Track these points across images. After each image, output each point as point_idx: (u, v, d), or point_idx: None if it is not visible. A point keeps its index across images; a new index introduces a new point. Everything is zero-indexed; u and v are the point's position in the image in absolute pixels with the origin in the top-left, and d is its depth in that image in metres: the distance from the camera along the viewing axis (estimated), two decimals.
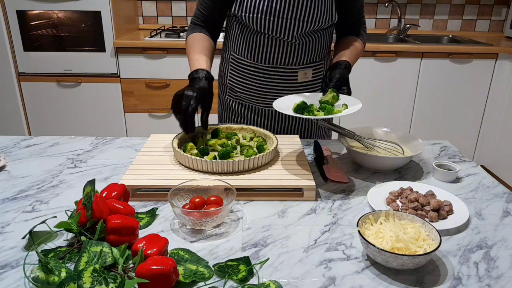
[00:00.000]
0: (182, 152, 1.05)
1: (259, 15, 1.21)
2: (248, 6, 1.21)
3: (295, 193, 0.99)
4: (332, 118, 1.52)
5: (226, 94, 1.43)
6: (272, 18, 1.21)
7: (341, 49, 1.32)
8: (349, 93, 1.16)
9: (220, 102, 1.49)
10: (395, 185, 1.03)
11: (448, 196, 0.98)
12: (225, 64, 1.41)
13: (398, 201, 0.97)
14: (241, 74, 1.35)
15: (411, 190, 0.99)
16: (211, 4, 1.31)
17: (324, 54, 1.36)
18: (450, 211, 0.92)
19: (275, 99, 1.35)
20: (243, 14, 1.22)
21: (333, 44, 1.41)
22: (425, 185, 1.02)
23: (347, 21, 1.34)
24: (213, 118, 1.53)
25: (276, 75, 1.31)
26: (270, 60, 1.29)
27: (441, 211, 0.91)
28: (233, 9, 1.24)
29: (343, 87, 1.16)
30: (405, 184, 1.03)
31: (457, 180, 1.11)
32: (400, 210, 0.94)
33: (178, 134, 1.17)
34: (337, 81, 1.16)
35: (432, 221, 0.89)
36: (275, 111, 1.38)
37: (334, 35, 1.40)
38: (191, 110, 1.06)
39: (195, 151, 1.11)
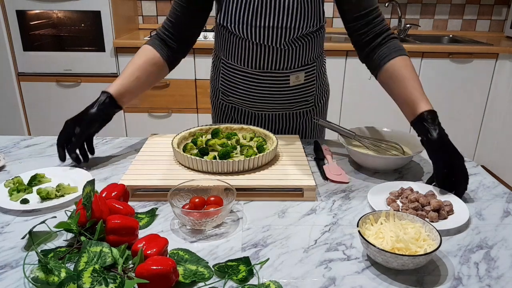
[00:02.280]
0: (182, 152, 1.05)
1: (245, 25, 1.19)
2: (233, 17, 1.19)
3: (295, 193, 0.99)
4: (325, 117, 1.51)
5: (218, 98, 1.42)
6: (258, 29, 1.19)
7: (403, 86, 1.08)
8: (466, 177, 0.98)
9: (213, 105, 1.48)
10: (395, 185, 1.03)
11: (448, 196, 0.98)
12: (216, 68, 1.39)
13: (398, 201, 0.97)
14: (232, 79, 1.33)
15: (412, 190, 0.99)
16: (181, 13, 1.21)
17: (316, 56, 1.33)
18: (451, 211, 0.92)
19: (268, 103, 1.34)
20: (229, 24, 1.20)
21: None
22: (425, 185, 1.02)
23: (363, 29, 1.17)
24: (208, 121, 1.53)
25: (267, 80, 1.29)
26: (260, 66, 1.27)
27: (442, 211, 0.91)
28: (218, 19, 1.22)
29: (454, 164, 0.98)
30: (405, 184, 1.03)
31: None
32: (400, 210, 0.93)
33: (178, 134, 1.17)
34: (444, 170, 0.98)
35: (432, 221, 0.89)
36: (269, 114, 1.37)
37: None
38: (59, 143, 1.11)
39: (195, 151, 1.11)
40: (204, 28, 3.12)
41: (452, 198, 0.97)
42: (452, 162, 0.98)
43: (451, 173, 0.98)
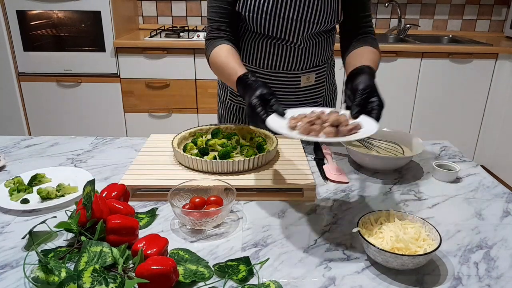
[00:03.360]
0: (182, 152, 1.05)
1: (264, 15, 1.18)
2: (253, 6, 1.18)
3: (295, 193, 0.99)
4: None
5: (226, 98, 1.42)
6: (277, 19, 1.18)
7: (357, 58, 1.14)
8: (381, 105, 0.90)
9: (220, 103, 1.48)
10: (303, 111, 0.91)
11: (370, 123, 0.86)
12: None
13: (299, 123, 0.86)
14: None
15: (322, 113, 0.88)
16: (227, 6, 1.20)
17: (326, 57, 1.34)
18: (354, 130, 0.82)
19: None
20: (247, 14, 1.19)
21: (338, 45, 1.34)
22: (346, 112, 0.90)
23: (353, 28, 1.26)
24: (213, 119, 1.54)
25: (278, 80, 1.30)
26: (272, 66, 1.27)
27: (341, 127, 0.81)
28: (236, 7, 1.21)
29: (372, 98, 0.90)
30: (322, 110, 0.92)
31: (457, 180, 1.11)
32: (297, 128, 0.83)
33: (178, 134, 1.17)
34: (363, 92, 0.90)
35: (328, 136, 0.80)
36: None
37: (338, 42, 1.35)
38: (263, 114, 0.91)
39: (195, 151, 1.11)
40: (204, 29, 3.12)
41: (366, 121, 0.87)
42: (376, 91, 0.92)
43: (370, 97, 0.91)
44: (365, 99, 0.90)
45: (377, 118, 0.88)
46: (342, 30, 1.30)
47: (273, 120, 0.88)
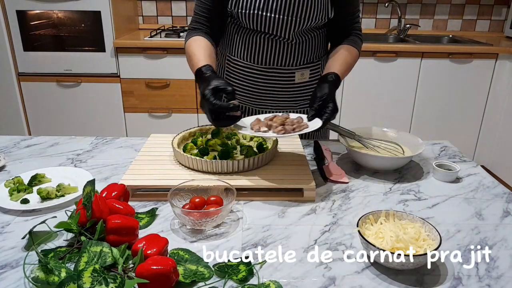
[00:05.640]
0: (182, 152, 1.05)
1: (255, 11, 1.19)
2: (245, 3, 1.19)
3: (295, 193, 0.99)
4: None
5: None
6: (268, 15, 1.19)
7: (332, 59, 1.26)
8: (334, 110, 1.07)
9: None
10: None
11: (316, 123, 1.03)
12: (220, 66, 1.39)
13: (264, 126, 1.03)
14: (237, 76, 1.34)
15: (286, 117, 1.06)
16: (209, 4, 1.25)
17: (321, 54, 1.34)
18: (297, 128, 1.00)
19: (272, 100, 1.35)
20: (239, 10, 1.20)
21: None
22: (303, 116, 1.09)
23: (340, 23, 1.30)
24: (208, 121, 1.53)
25: (273, 76, 1.30)
26: (266, 61, 1.28)
27: (286, 126, 1.00)
28: (229, 6, 1.22)
29: (328, 105, 1.07)
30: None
31: (457, 180, 1.11)
32: (260, 130, 1.01)
33: (178, 134, 1.17)
34: (320, 99, 1.07)
35: (276, 132, 0.98)
36: (273, 112, 1.37)
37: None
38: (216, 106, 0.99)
39: (195, 151, 1.11)
40: None
41: (316, 122, 1.04)
42: (332, 98, 1.08)
43: (326, 103, 1.08)
44: (322, 105, 1.07)
45: (327, 119, 1.05)
46: (329, 25, 1.32)
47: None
